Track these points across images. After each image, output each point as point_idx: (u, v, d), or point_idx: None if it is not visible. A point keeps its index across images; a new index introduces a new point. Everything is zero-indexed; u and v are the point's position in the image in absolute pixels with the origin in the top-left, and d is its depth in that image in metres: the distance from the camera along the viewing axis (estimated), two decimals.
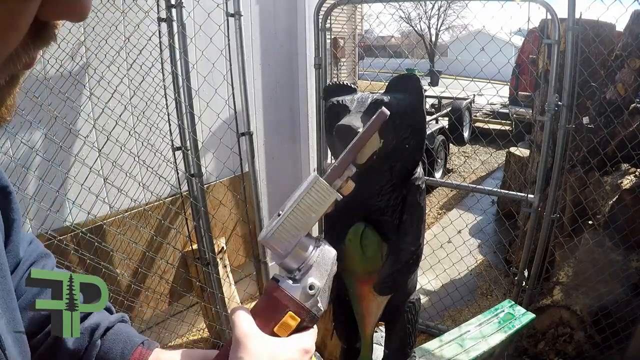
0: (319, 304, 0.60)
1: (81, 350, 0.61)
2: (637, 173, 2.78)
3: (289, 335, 0.58)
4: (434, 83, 12.38)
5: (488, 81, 2.85)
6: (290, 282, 0.59)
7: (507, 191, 2.74)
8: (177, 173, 2.24)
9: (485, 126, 7.35)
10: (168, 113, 2.16)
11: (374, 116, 0.63)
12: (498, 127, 7.20)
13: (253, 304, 0.66)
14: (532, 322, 1.63)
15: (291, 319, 0.58)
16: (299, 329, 0.59)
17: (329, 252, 0.62)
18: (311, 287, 0.59)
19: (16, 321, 0.51)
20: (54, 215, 1.86)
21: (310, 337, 0.59)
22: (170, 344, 2.58)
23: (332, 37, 3.32)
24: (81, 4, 0.32)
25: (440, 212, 5.10)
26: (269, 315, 0.58)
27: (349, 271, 1.19)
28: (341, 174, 0.62)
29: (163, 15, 2.03)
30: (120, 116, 2.11)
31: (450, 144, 6.63)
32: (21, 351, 0.51)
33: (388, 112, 0.62)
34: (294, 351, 0.56)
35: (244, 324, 0.56)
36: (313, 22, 2.67)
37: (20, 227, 0.62)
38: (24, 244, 0.65)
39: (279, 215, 0.60)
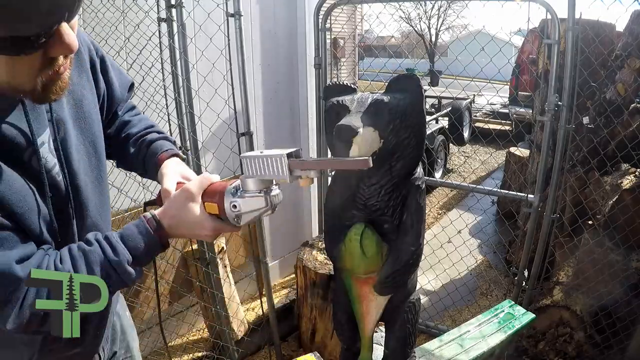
0: (236, 220, 0.83)
1: (136, 154, 1.03)
2: (637, 173, 2.78)
3: (209, 214, 0.83)
4: (434, 83, 12.38)
5: (488, 81, 2.85)
6: (233, 191, 0.82)
7: (507, 191, 2.74)
8: None
9: (485, 126, 7.35)
10: (168, 113, 2.16)
11: (358, 159, 0.76)
12: (498, 127, 7.21)
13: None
14: (532, 322, 1.63)
15: (213, 208, 0.83)
16: (221, 219, 0.84)
17: (259, 201, 0.81)
18: (234, 206, 0.81)
19: (102, 171, 0.93)
20: None
21: (214, 222, 0.84)
22: (170, 344, 2.58)
23: (332, 37, 3.32)
24: (71, 46, 0.63)
25: (440, 212, 5.10)
26: (210, 194, 0.84)
27: (349, 271, 1.19)
28: (305, 168, 0.77)
29: (163, 15, 2.03)
30: None
31: (450, 144, 6.63)
32: (100, 193, 0.92)
33: (371, 164, 0.74)
34: (200, 219, 0.83)
35: (198, 184, 0.84)
36: (313, 22, 2.67)
37: (116, 80, 1.01)
38: (123, 90, 1.06)
39: (261, 152, 0.81)
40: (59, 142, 0.80)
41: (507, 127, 6.76)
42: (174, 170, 0.95)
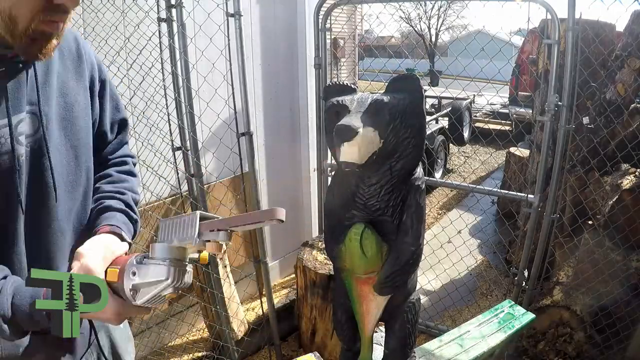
0: (133, 294, 0.70)
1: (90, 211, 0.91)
2: (637, 173, 2.78)
3: (108, 282, 0.72)
4: (434, 83, 12.37)
5: (488, 81, 2.85)
6: (139, 259, 0.72)
7: (507, 191, 2.74)
8: (177, 173, 2.24)
9: (485, 126, 7.35)
10: (168, 113, 2.16)
11: (269, 209, 0.67)
12: (498, 127, 7.20)
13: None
14: (532, 322, 1.63)
15: (113, 274, 0.72)
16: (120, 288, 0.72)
17: (159, 270, 0.69)
18: (134, 273, 0.70)
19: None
20: None
21: (116, 303, 0.71)
22: (170, 344, 2.58)
23: (332, 37, 3.32)
24: None
25: (440, 212, 5.10)
26: (118, 261, 0.75)
27: (349, 271, 1.20)
28: (215, 229, 0.69)
29: (163, 15, 2.03)
30: None
31: (450, 144, 6.63)
32: (72, 199, 0.86)
33: (284, 219, 0.66)
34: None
35: (99, 256, 0.74)
36: (313, 22, 2.67)
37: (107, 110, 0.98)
38: (113, 123, 1.00)
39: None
40: (41, 134, 0.77)
41: (507, 127, 6.76)
42: (98, 247, 0.81)
